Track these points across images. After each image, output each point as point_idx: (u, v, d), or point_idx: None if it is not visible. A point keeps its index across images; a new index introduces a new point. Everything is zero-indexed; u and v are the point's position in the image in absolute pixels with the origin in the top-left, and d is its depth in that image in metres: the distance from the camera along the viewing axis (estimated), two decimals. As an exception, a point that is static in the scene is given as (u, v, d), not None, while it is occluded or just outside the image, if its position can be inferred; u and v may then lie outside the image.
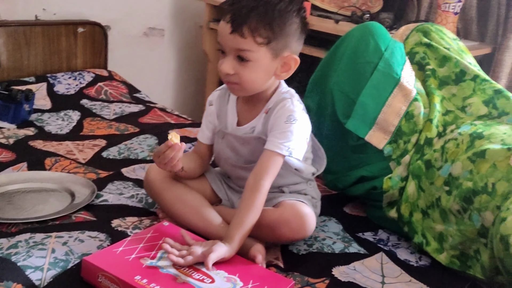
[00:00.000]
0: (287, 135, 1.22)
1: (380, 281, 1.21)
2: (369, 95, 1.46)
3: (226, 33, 1.17)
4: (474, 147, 1.31)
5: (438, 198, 1.33)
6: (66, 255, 1.12)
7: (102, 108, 2.10)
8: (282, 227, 1.21)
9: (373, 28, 1.54)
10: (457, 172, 1.30)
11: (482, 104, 1.46)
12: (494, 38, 2.29)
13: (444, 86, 1.53)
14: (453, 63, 1.53)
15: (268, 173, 1.20)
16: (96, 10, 2.39)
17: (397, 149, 1.45)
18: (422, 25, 1.65)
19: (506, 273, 1.15)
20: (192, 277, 1.06)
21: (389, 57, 1.49)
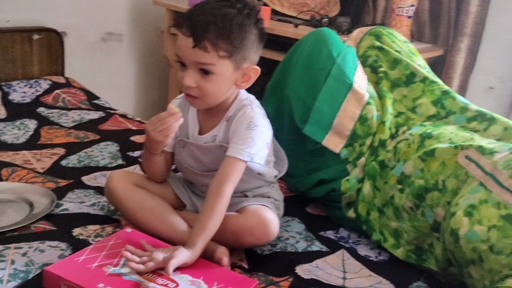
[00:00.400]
0: (248, 141, 1.24)
1: (342, 277, 1.24)
2: (324, 101, 1.50)
3: (188, 47, 1.16)
4: (424, 146, 1.37)
5: (392, 196, 1.38)
6: (26, 266, 1.10)
7: (60, 116, 2.06)
8: (246, 235, 1.22)
9: (325, 34, 1.58)
10: (409, 170, 1.35)
11: (431, 104, 1.52)
12: (445, 41, 2.38)
13: (395, 88, 1.58)
14: (404, 65, 1.58)
15: (230, 179, 1.21)
16: (51, 16, 2.35)
17: (353, 152, 1.50)
18: (374, 28, 1.70)
19: (457, 264, 1.21)
20: (156, 283, 1.06)
21: (342, 63, 1.54)
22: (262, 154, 1.28)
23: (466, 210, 1.17)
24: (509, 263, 1.09)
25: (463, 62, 2.31)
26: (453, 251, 1.19)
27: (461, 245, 1.15)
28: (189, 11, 1.20)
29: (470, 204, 1.17)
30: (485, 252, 1.12)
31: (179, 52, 1.19)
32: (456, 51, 2.30)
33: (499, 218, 1.13)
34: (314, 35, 1.59)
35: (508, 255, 1.09)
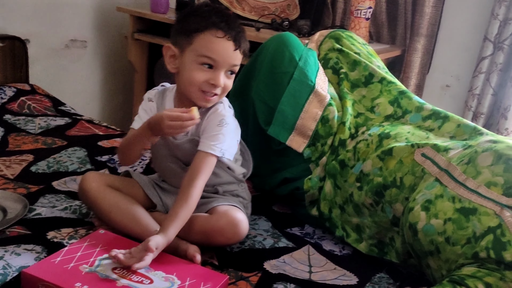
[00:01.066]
0: (219, 137, 1.31)
1: (308, 271, 1.31)
2: (287, 103, 1.56)
3: (229, 50, 1.29)
4: (382, 146, 1.43)
5: (351, 194, 1.45)
6: (3, 269, 1.13)
7: (27, 122, 2.07)
8: (217, 235, 1.28)
9: (286, 39, 1.64)
10: (367, 169, 1.42)
11: (388, 104, 1.59)
12: (403, 41, 2.47)
13: (355, 88, 1.65)
14: (363, 67, 1.66)
15: (202, 172, 1.28)
16: (14, 24, 2.34)
17: (315, 151, 1.56)
18: (334, 31, 1.77)
19: (416, 256, 1.28)
20: (131, 280, 1.11)
21: (304, 66, 1.60)
22: (232, 151, 1.36)
23: (423, 205, 1.23)
24: (464, 253, 1.16)
25: (420, 61, 2.40)
26: (412, 244, 1.25)
27: (419, 238, 1.22)
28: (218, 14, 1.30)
29: (426, 199, 1.24)
30: (441, 243, 1.18)
31: (216, 54, 1.28)
32: (412, 51, 2.40)
33: (454, 211, 1.19)
34: (276, 40, 1.65)
35: (463, 245, 1.16)
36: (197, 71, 1.29)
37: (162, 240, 1.18)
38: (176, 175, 1.39)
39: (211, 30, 1.28)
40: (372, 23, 2.48)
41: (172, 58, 1.35)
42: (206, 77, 1.29)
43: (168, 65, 1.36)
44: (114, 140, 2.00)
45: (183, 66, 1.32)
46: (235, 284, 1.22)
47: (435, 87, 2.48)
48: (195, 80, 1.29)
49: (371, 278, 1.31)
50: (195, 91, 1.31)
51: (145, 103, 1.42)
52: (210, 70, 1.29)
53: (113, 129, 2.16)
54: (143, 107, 1.41)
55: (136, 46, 2.67)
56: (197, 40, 1.29)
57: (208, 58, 1.28)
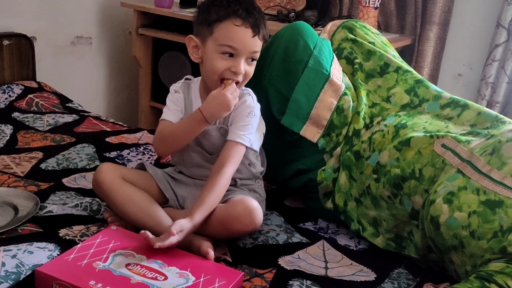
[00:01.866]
0: (248, 128, 1.35)
1: (324, 267, 1.29)
2: (302, 92, 1.53)
3: (248, 37, 1.30)
4: (399, 136, 1.40)
5: (368, 186, 1.42)
6: (17, 267, 1.12)
7: (35, 120, 2.06)
8: (234, 222, 1.27)
9: (301, 27, 1.61)
10: (384, 160, 1.39)
11: (405, 93, 1.56)
12: (413, 30, 2.44)
13: (370, 79, 1.62)
14: (377, 56, 1.63)
15: (231, 161, 1.32)
16: (21, 22, 2.34)
17: (330, 142, 1.53)
18: (347, 21, 1.74)
19: (437, 251, 1.25)
20: (146, 276, 1.10)
21: (318, 55, 1.57)
22: (259, 143, 1.40)
23: (445, 197, 1.19)
24: (490, 247, 1.12)
25: (432, 50, 2.37)
26: (434, 238, 1.22)
27: (441, 232, 1.18)
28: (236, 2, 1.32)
29: (449, 191, 1.20)
30: (466, 238, 1.14)
31: (235, 42, 1.30)
32: (425, 39, 2.36)
33: (479, 204, 1.15)
34: (290, 29, 1.63)
35: (489, 239, 1.12)
36: (218, 60, 1.32)
37: (188, 223, 1.20)
38: (197, 165, 1.41)
39: (230, 18, 1.30)
40: (380, 12, 2.45)
41: (195, 48, 1.38)
42: (227, 65, 1.31)
43: (192, 55, 1.39)
44: (121, 136, 1.99)
45: (206, 56, 1.35)
46: (249, 281, 1.20)
47: (446, 76, 2.45)
48: (217, 68, 1.32)
49: (389, 273, 1.28)
50: (217, 79, 1.34)
51: (172, 94, 1.45)
52: (231, 58, 1.32)
53: (120, 125, 2.15)
54: (171, 99, 1.44)
55: (140, 42, 2.66)
56: (217, 30, 1.31)
57: (228, 47, 1.30)
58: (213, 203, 1.27)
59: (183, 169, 1.46)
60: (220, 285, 1.11)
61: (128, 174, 1.38)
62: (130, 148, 1.88)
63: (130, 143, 1.93)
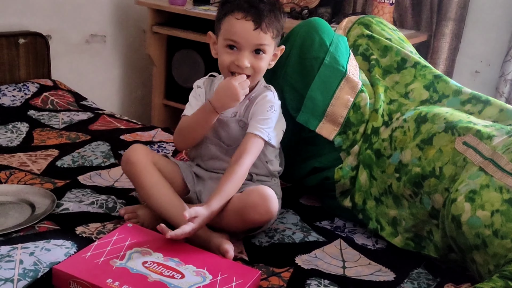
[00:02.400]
0: (267, 122, 1.36)
1: (341, 266, 1.27)
2: (318, 89, 1.52)
3: (249, 30, 1.31)
4: (420, 132, 1.37)
5: (390, 185, 1.40)
6: (34, 265, 1.12)
7: (50, 118, 2.07)
8: (250, 211, 1.26)
9: (317, 24, 1.59)
10: (406, 159, 1.37)
11: (424, 89, 1.53)
12: (429, 26, 2.40)
13: (387, 75, 1.59)
14: (394, 52, 1.60)
15: (249, 152, 1.33)
16: (36, 20, 2.35)
17: (346, 139, 1.51)
18: (363, 17, 1.71)
19: (459, 250, 1.22)
20: (163, 275, 1.09)
21: (335, 51, 1.55)
22: (278, 138, 1.40)
23: (467, 195, 1.17)
24: None
25: (448, 46, 2.34)
26: (455, 238, 1.19)
27: (463, 231, 1.16)
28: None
29: (471, 189, 1.17)
30: (489, 237, 1.12)
31: (236, 36, 1.31)
32: (440, 36, 2.33)
33: (502, 202, 1.12)
34: (306, 25, 1.61)
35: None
36: (224, 54, 1.35)
37: (204, 210, 1.21)
38: (214, 158, 1.42)
39: (232, 13, 1.32)
40: (395, 8, 2.42)
41: (214, 44, 1.41)
42: (231, 59, 1.33)
43: (212, 51, 1.43)
44: (136, 134, 1.99)
45: (218, 51, 1.38)
46: (267, 280, 1.19)
47: (463, 73, 2.41)
48: (223, 62, 1.35)
49: (408, 273, 1.26)
50: (225, 73, 1.37)
51: (194, 90, 1.47)
52: (235, 52, 1.33)
53: (134, 123, 2.15)
54: (193, 94, 1.46)
55: (154, 40, 2.66)
56: (223, 25, 1.34)
57: (230, 41, 1.33)
58: (230, 192, 1.28)
59: (200, 162, 1.46)
60: (238, 283, 1.10)
61: (158, 160, 1.39)
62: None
63: (145, 141, 1.93)
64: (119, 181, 1.60)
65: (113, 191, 1.51)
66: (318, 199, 1.62)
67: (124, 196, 1.48)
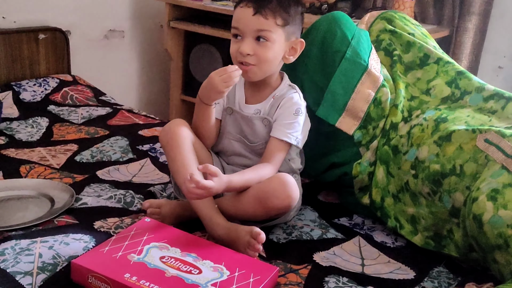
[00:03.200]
0: (295, 126, 1.37)
1: (360, 263, 1.26)
2: (338, 83, 1.49)
3: (248, 16, 1.30)
4: (439, 130, 1.35)
5: (407, 182, 1.37)
6: (53, 258, 1.12)
7: (70, 113, 2.08)
8: (270, 197, 1.26)
9: (339, 17, 1.57)
10: (423, 155, 1.34)
11: (445, 85, 1.50)
12: (451, 21, 2.36)
13: (409, 71, 1.57)
14: (417, 48, 1.57)
15: (275, 159, 1.35)
16: (56, 16, 2.37)
17: (366, 134, 1.49)
18: (386, 12, 1.68)
19: (480, 250, 1.19)
20: (180, 270, 1.09)
21: (356, 45, 1.52)
22: (304, 140, 1.40)
23: (489, 194, 1.14)
24: None
25: (472, 42, 2.29)
26: (476, 237, 1.16)
27: (485, 231, 1.12)
28: None
29: (493, 188, 1.14)
30: (511, 237, 1.09)
31: (238, 23, 1.32)
32: (463, 31, 2.29)
33: None
34: (327, 19, 1.58)
35: None
36: (232, 44, 1.35)
37: (223, 177, 1.22)
38: (237, 154, 1.43)
39: (239, 4, 1.33)
40: (417, 3, 2.39)
41: None
42: (236, 47, 1.33)
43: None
44: (154, 129, 2.00)
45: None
46: (284, 276, 1.18)
47: (486, 69, 2.37)
48: (231, 53, 1.35)
49: (429, 272, 1.24)
50: (236, 63, 1.35)
51: None
52: (240, 40, 1.33)
53: (153, 118, 2.16)
54: None
55: (172, 35, 2.67)
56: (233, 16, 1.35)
57: (234, 29, 1.33)
58: (250, 178, 1.29)
59: (223, 157, 1.47)
60: (255, 280, 1.09)
61: (196, 141, 1.40)
62: (163, 141, 1.88)
63: (163, 136, 1.93)
64: (137, 176, 1.60)
65: (131, 186, 1.52)
66: (337, 196, 1.60)
67: (142, 191, 1.49)
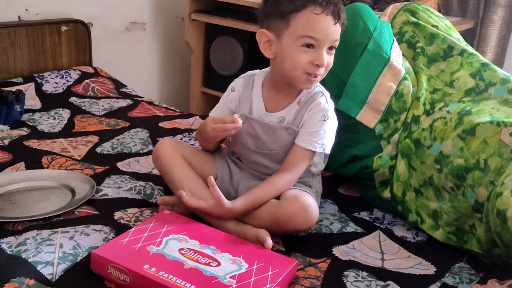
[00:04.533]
0: (320, 133, 1.30)
1: (380, 258, 1.25)
2: (360, 75, 1.48)
3: (330, 25, 1.21)
4: (462, 123, 1.32)
5: (431, 176, 1.35)
6: (74, 249, 1.14)
7: (91, 104, 2.10)
8: (288, 222, 1.23)
9: (361, 9, 1.55)
10: (447, 150, 1.32)
11: (470, 77, 1.47)
12: (475, 13, 2.31)
13: (433, 63, 1.54)
14: (441, 39, 1.55)
15: (297, 168, 1.30)
16: (78, 8, 2.38)
17: (387, 127, 1.47)
18: (409, 4, 1.66)
19: (503, 246, 1.17)
20: (199, 262, 1.09)
21: (378, 37, 1.50)
22: (331, 144, 1.35)
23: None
24: None
25: (497, 34, 2.24)
26: (500, 233, 1.14)
27: (509, 227, 1.09)
28: None
29: None
30: None
31: (317, 32, 1.21)
32: (488, 23, 2.23)
33: None
34: (349, 10, 1.54)
35: None
36: (300, 53, 1.23)
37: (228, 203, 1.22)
38: (255, 162, 1.37)
39: (309, 7, 1.20)
40: (441, -6, 2.35)
41: (267, 43, 1.28)
42: (309, 58, 1.23)
43: (264, 51, 1.29)
44: (174, 121, 2.00)
45: (282, 51, 1.25)
46: (303, 270, 1.17)
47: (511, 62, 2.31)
48: (299, 63, 1.23)
49: (450, 267, 1.22)
50: (300, 74, 1.25)
51: (227, 92, 1.41)
52: (312, 50, 1.23)
53: (173, 110, 2.16)
54: (224, 98, 1.41)
55: (193, 27, 2.66)
56: (295, 21, 1.21)
57: (309, 38, 1.21)
58: (261, 197, 1.26)
59: (242, 160, 1.43)
60: (274, 273, 1.09)
61: (187, 153, 1.38)
62: (183, 133, 1.88)
63: (183, 128, 1.93)
64: (157, 168, 1.61)
65: (151, 178, 1.52)
66: (357, 189, 1.58)
67: (161, 183, 1.49)
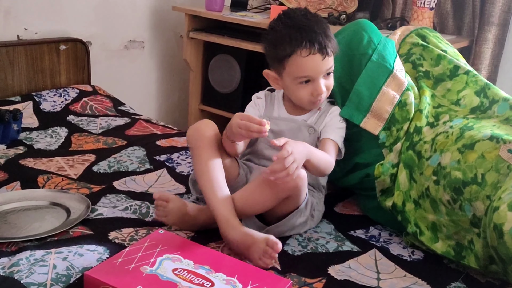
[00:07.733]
0: (341, 131, 1.48)
1: (376, 278, 1.24)
2: (364, 84, 1.52)
3: (318, 63, 1.37)
4: (463, 138, 1.35)
5: (427, 188, 1.36)
6: (67, 270, 1.13)
7: (89, 123, 2.11)
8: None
9: (366, 24, 1.63)
10: (445, 161, 1.34)
11: (475, 95, 1.52)
12: (471, 31, 2.33)
13: (439, 83, 1.59)
14: (447, 60, 1.60)
15: (331, 154, 1.42)
16: (77, 27, 2.41)
17: (390, 136, 1.50)
18: (421, 29, 1.72)
19: (500, 261, 1.17)
20: (192, 283, 1.08)
21: (382, 50, 1.56)
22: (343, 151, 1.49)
23: (510, 204, 1.12)
24: None
25: (491, 52, 2.26)
26: (497, 248, 1.14)
27: (505, 241, 1.10)
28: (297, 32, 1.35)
29: None
30: None
31: (309, 71, 1.38)
32: (482, 41, 2.26)
33: None
34: (355, 25, 1.64)
35: None
36: (299, 90, 1.42)
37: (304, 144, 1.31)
38: (268, 159, 1.44)
39: (296, 51, 1.36)
40: (436, 13, 2.36)
41: (275, 80, 1.47)
42: (309, 91, 1.41)
43: (274, 85, 1.49)
44: (171, 139, 2.01)
45: (286, 87, 1.46)
46: (298, 290, 1.17)
47: (506, 79, 2.32)
48: (300, 97, 1.43)
49: (445, 287, 1.22)
50: (305, 103, 1.45)
51: (253, 101, 1.56)
52: (310, 84, 1.40)
53: (171, 128, 2.17)
54: (251, 104, 1.55)
55: (191, 45, 2.69)
56: (288, 65, 1.39)
57: (303, 77, 1.39)
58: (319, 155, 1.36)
59: (254, 159, 1.50)
60: (268, 293, 1.08)
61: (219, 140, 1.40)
62: (179, 151, 1.89)
63: (180, 146, 1.94)
64: (154, 187, 1.61)
65: (147, 197, 1.52)
66: (353, 208, 1.58)
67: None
